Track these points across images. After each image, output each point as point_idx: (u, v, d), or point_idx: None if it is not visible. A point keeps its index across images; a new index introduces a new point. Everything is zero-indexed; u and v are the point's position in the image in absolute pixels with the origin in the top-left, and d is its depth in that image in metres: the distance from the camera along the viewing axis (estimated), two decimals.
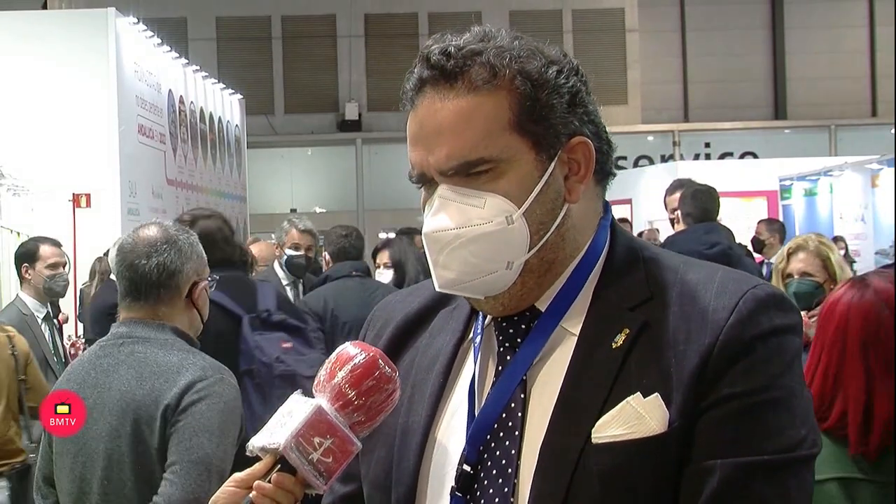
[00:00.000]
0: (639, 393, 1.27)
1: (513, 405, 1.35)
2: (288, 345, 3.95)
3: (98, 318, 7.11)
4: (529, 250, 1.34)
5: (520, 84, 1.33)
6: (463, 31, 1.38)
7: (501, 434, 1.34)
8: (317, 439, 1.29)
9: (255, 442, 1.33)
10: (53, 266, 6.09)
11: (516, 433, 1.33)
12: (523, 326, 1.38)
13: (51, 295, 6.19)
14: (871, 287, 2.46)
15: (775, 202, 13.86)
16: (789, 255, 4.16)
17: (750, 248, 10.76)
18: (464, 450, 1.35)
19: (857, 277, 2.60)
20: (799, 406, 1.29)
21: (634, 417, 1.26)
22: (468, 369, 1.42)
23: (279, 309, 4.11)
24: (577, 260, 1.38)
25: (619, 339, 1.31)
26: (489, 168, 1.32)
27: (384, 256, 6.41)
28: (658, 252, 1.42)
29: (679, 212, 5.59)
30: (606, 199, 1.45)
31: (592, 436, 1.27)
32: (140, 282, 2.65)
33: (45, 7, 16.57)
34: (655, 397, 1.27)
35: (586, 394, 1.30)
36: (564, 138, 1.35)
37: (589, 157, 1.38)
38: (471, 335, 1.44)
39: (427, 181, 1.37)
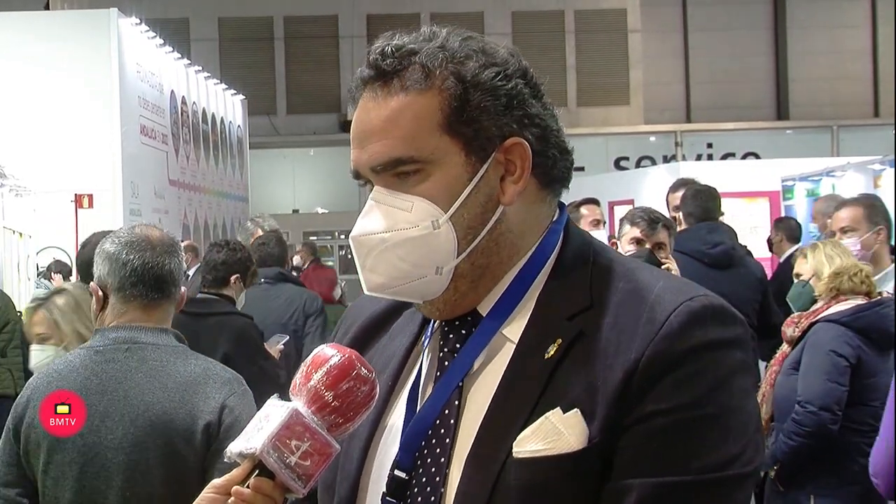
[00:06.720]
0: (559, 408, 1.24)
1: (447, 412, 1.33)
2: None
3: None
4: (458, 255, 1.32)
5: (451, 85, 1.32)
6: (411, 31, 1.39)
7: (434, 441, 1.32)
8: (294, 442, 1.28)
9: (233, 447, 1.31)
10: None
11: (447, 441, 1.31)
12: (464, 332, 1.36)
13: None
14: None
15: (777, 203, 13.81)
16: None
17: (751, 248, 10.75)
18: (397, 455, 1.33)
19: None
20: (736, 422, 1.24)
21: (553, 433, 1.24)
22: (415, 372, 1.41)
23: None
24: (520, 265, 1.36)
25: (552, 350, 1.28)
26: (417, 169, 1.31)
27: None
28: (613, 258, 1.38)
29: (680, 212, 5.60)
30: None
31: (513, 450, 1.25)
32: (165, 280, 2.60)
33: (47, 8, 16.57)
34: (575, 413, 1.24)
35: (514, 405, 1.27)
36: (499, 140, 1.33)
37: (525, 159, 1.34)
38: (423, 338, 1.43)
39: (363, 180, 1.37)
